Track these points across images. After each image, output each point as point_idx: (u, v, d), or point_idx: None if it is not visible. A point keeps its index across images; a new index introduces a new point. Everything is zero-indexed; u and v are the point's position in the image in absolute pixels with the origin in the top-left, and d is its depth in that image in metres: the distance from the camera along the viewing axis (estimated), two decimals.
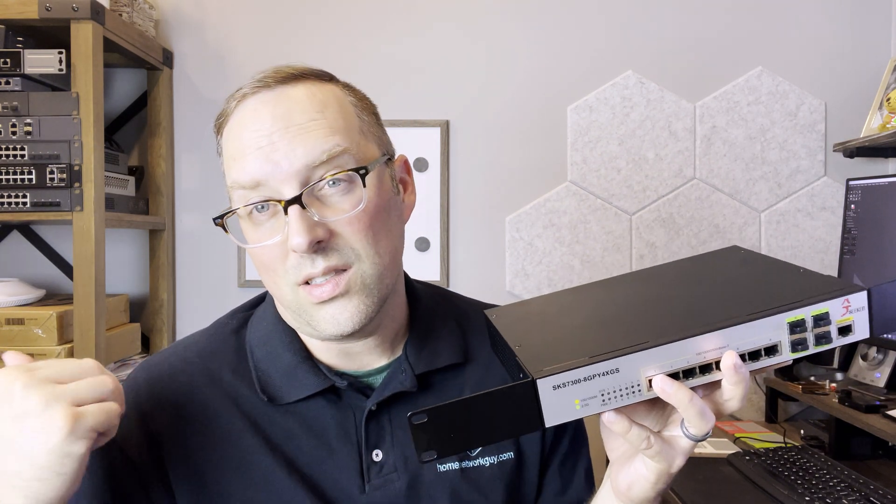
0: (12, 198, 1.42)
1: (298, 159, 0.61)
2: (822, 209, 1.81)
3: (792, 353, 0.54)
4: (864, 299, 0.53)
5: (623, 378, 0.52)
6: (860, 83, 1.79)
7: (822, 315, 0.53)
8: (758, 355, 0.54)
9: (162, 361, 0.72)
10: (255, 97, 0.64)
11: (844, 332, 0.54)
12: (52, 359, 0.52)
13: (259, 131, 0.62)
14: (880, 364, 1.50)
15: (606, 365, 0.51)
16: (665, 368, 0.52)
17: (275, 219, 0.63)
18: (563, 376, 0.51)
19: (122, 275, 1.82)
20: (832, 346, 0.54)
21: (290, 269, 0.62)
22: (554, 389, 0.51)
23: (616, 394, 0.52)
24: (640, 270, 0.73)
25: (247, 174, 0.62)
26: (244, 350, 0.72)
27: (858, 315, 0.54)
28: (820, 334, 0.54)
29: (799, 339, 0.53)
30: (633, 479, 0.59)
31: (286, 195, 0.61)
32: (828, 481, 1.19)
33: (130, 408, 0.67)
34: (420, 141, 1.80)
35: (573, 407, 0.51)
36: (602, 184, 1.81)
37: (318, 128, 0.62)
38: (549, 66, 1.82)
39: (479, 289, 1.81)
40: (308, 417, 0.69)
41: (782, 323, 0.53)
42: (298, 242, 0.59)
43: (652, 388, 0.52)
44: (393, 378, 0.70)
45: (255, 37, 1.81)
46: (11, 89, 1.43)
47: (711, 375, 0.54)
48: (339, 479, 0.68)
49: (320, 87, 0.66)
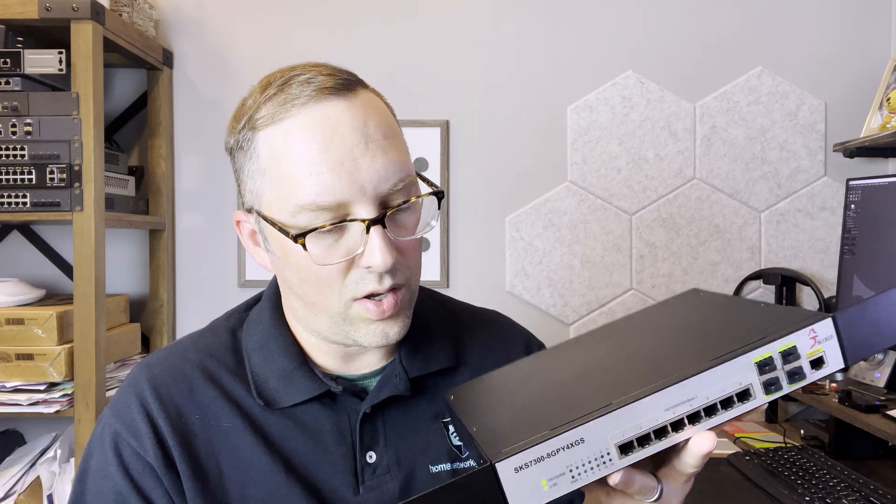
0: (12, 198, 1.42)
1: (381, 184, 0.61)
2: (822, 209, 1.81)
3: (766, 395, 0.50)
4: (831, 327, 0.50)
5: (590, 448, 0.47)
6: (860, 83, 1.79)
7: (790, 350, 0.50)
8: (730, 403, 0.49)
9: (162, 361, 0.72)
10: (326, 103, 0.62)
11: (817, 364, 0.50)
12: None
13: (338, 145, 0.60)
14: (880, 364, 1.50)
15: (569, 436, 0.47)
16: (635, 431, 0.48)
17: (345, 234, 0.62)
18: (523, 455, 0.46)
19: (122, 275, 1.82)
20: (808, 381, 0.50)
21: (351, 284, 0.63)
22: (516, 472, 0.46)
23: (586, 467, 0.47)
24: (600, 327, 0.70)
25: (329, 195, 0.60)
26: (241, 352, 0.73)
27: (828, 345, 0.50)
28: (792, 371, 0.50)
29: (771, 379, 0.50)
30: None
31: (363, 214, 0.61)
32: (828, 481, 1.19)
33: (137, 410, 0.68)
34: (420, 141, 1.80)
35: (541, 489, 0.46)
36: (602, 184, 1.81)
37: (392, 149, 0.63)
38: (549, 66, 1.82)
39: (479, 289, 1.81)
40: (304, 420, 0.70)
41: (750, 364, 0.49)
42: (383, 262, 0.60)
43: (627, 454, 0.48)
44: (387, 382, 0.71)
45: (255, 37, 1.81)
46: (11, 89, 1.43)
47: (684, 433, 0.50)
48: (333, 480, 0.68)
49: (373, 98, 0.67)
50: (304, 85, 0.62)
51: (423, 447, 0.72)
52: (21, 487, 1.47)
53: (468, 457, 0.73)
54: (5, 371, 1.40)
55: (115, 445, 0.67)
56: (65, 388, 1.42)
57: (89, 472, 0.68)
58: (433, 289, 0.85)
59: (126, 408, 0.69)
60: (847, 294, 1.52)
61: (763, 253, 1.82)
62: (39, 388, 1.40)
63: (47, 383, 1.41)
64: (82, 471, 0.69)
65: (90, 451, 0.69)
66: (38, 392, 1.40)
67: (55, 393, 1.41)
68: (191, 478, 0.66)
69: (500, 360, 0.79)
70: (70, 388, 1.42)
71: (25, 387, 1.40)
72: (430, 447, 0.72)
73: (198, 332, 0.77)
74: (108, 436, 0.68)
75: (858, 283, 1.49)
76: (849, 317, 0.51)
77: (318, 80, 0.63)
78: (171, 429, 0.67)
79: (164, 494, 0.66)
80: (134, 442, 0.67)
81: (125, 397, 0.70)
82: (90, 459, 0.69)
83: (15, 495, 1.45)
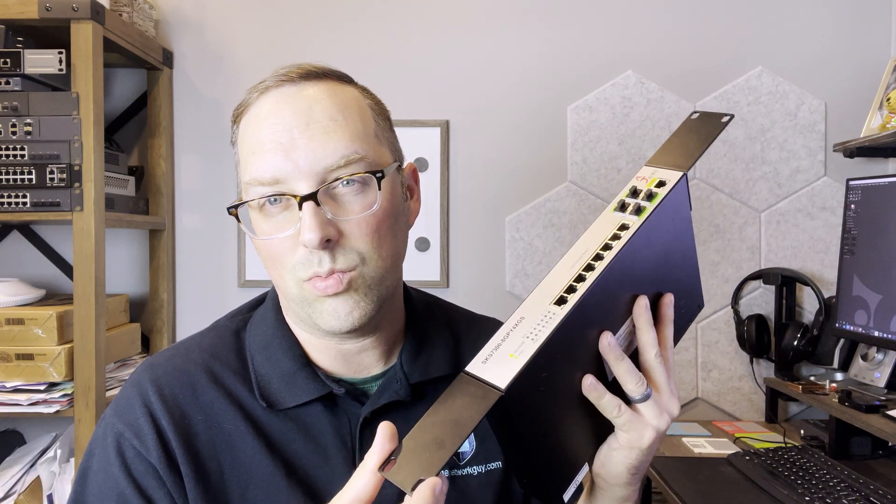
0: (12, 198, 1.42)
1: (318, 161, 0.62)
2: (822, 209, 1.81)
3: (638, 216, 0.58)
4: (646, 168, 0.62)
5: (534, 317, 0.54)
6: (860, 83, 1.79)
7: (631, 190, 0.60)
8: (616, 237, 0.57)
9: (166, 362, 0.72)
10: (278, 90, 0.65)
11: (660, 185, 0.60)
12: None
13: (278, 125, 0.63)
14: (880, 364, 1.50)
15: (512, 319, 0.55)
16: (560, 287, 0.55)
17: (287, 212, 0.64)
18: (484, 350, 0.53)
19: (122, 275, 1.82)
20: (665, 194, 0.59)
21: (297, 266, 0.64)
22: (484, 363, 0.52)
23: (537, 328, 0.53)
24: None
25: (266, 171, 0.63)
26: (244, 353, 0.73)
27: (658, 172, 0.61)
28: (645, 195, 0.59)
29: (634, 206, 0.59)
30: (606, 453, 0.63)
31: (301, 191, 0.62)
32: (828, 481, 1.19)
33: (140, 411, 0.67)
34: (420, 141, 1.80)
35: (511, 360, 0.52)
36: (602, 184, 1.81)
37: (337, 129, 0.64)
38: (549, 66, 1.82)
39: (479, 289, 1.81)
40: (305, 422, 0.70)
41: (610, 214, 0.59)
42: (310, 238, 0.60)
43: (562, 304, 0.54)
44: (388, 387, 0.72)
45: (255, 37, 1.81)
46: (11, 89, 1.43)
47: (598, 269, 0.57)
48: (333, 483, 0.68)
49: (342, 88, 0.67)
50: (273, 77, 0.66)
51: None
52: (21, 487, 1.47)
53: (466, 464, 0.74)
54: (5, 371, 1.40)
55: (118, 445, 0.67)
56: (65, 388, 1.42)
57: (91, 472, 0.68)
58: (433, 292, 0.85)
59: (129, 408, 0.68)
60: (847, 294, 1.52)
61: (763, 253, 1.82)
62: (39, 388, 1.40)
63: (47, 383, 1.41)
64: (84, 470, 0.69)
65: (92, 450, 0.69)
66: (38, 392, 1.40)
67: (55, 393, 1.41)
68: (193, 479, 0.66)
69: None
70: (70, 388, 1.42)
71: (25, 387, 1.40)
72: None
73: (201, 332, 0.77)
74: (110, 435, 0.68)
75: (858, 283, 1.49)
76: (656, 156, 0.62)
77: (283, 73, 0.66)
78: (174, 429, 0.67)
79: (167, 495, 0.66)
80: (137, 442, 0.66)
81: (128, 397, 0.70)
82: (92, 459, 0.69)
83: (15, 495, 1.45)
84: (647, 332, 0.61)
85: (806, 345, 1.66)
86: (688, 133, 0.63)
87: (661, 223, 0.60)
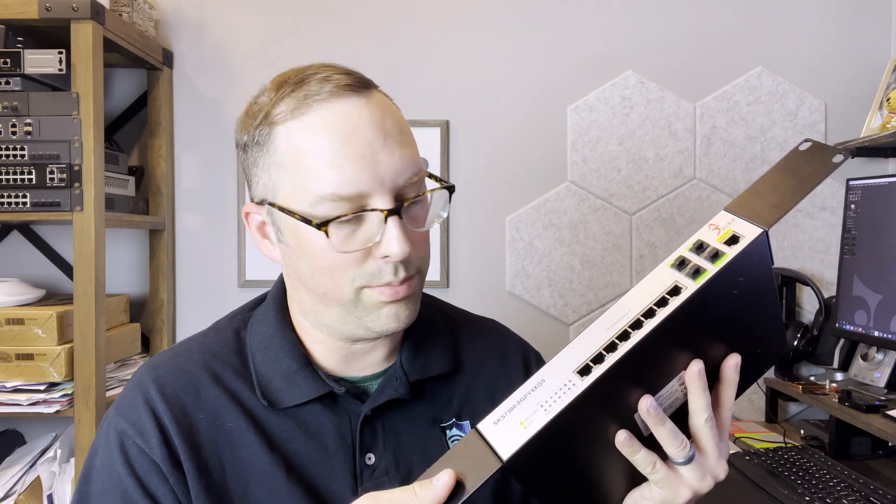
0: (12, 198, 1.42)
1: (399, 176, 0.64)
2: (822, 209, 1.81)
3: (695, 280, 0.52)
4: (727, 214, 0.55)
5: (553, 383, 0.51)
6: (860, 83, 1.79)
7: (697, 244, 0.54)
8: (664, 301, 0.52)
9: (167, 362, 0.73)
10: (346, 100, 0.64)
11: (733, 241, 0.53)
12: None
13: (358, 138, 0.63)
14: (880, 364, 1.50)
15: (532, 381, 0.52)
16: (588, 354, 0.51)
17: (362, 225, 0.64)
18: (498, 410, 0.52)
19: (122, 275, 1.82)
20: (732, 256, 0.52)
21: (366, 274, 0.64)
22: (495, 425, 0.51)
23: (553, 398, 0.51)
24: None
25: (349, 185, 0.62)
26: (245, 353, 0.74)
27: (735, 225, 0.54)
28: (710, 254, 0.53)
29: (693, 268, 0.53)
30: (638, 501, 0.62)
31: (383, 205, 0.63)
32: (828, 481, 1.19)
33: (143, 409, 0.68)
34: (420, 141, 1.79)
35: (520, 429, 0.51)
36: (602, 184, 1.81)
37: (407, 143, 0.66)
38: (549, 66, 1.82)
39: (479, 289, 1.81)
40: (306, 421, 0.70)
41: (666, 269, 0.54)
42: (400, 251, 0.62)
43: (585, 375, 0.51)
44: (388, 385, 0.72)
45: (255, 37, 1.81)
46: (11, 89, 1.43)
47: (632, 339, 0.53)
48: (333, 481, 0.69)
49: (383, 97, 0.69)
50: (322, 83, 0.64)
51: (422, 450, 0.73)
52: (21, 487, 1.47)
53: None
54: (5, 371, 1.40)
55: (121, 444, 0.67)
56: (65, 388, 1.42)
57: (94, 470, 0.68)
58: (433, 293, 0.86)
59: (132, 407, 0.69)
60: (847, 294, 1.52)
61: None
62: (39, 388, 1.40)
63: (47, 383, 1.41)
64: (87, 469, 0.69)
65: (95, 449, 0.70)
66: (38, 392, 1.40)
67: (55, 393, 1.41)
68: (196, 477, 0.67)
69: (498, 367, 0.81)
70: (70, 388, 1.42)
71: (25, 387, 1.40)
72: (427, 450, 0.73)
73: (202, 332, 0.77)
74: (113, 434, 0.68)
75: (858, 283, 1.49)
76: (740, 199, 0.54)
77: (336, 78, 0.65)
78: (176, 428, 0.67)
79: (170, 493, 0.66)
80: (140, 440, 0.67)
81: (131, 397, 0.70)
82: (95, 457, 0.69)
83: (15, 495, 1.45)
84: (701, 397, 0.56)
85: (806, 345, 1.66)
86: (786, 172, 0.55)
87: (724, 287, 0.53)
